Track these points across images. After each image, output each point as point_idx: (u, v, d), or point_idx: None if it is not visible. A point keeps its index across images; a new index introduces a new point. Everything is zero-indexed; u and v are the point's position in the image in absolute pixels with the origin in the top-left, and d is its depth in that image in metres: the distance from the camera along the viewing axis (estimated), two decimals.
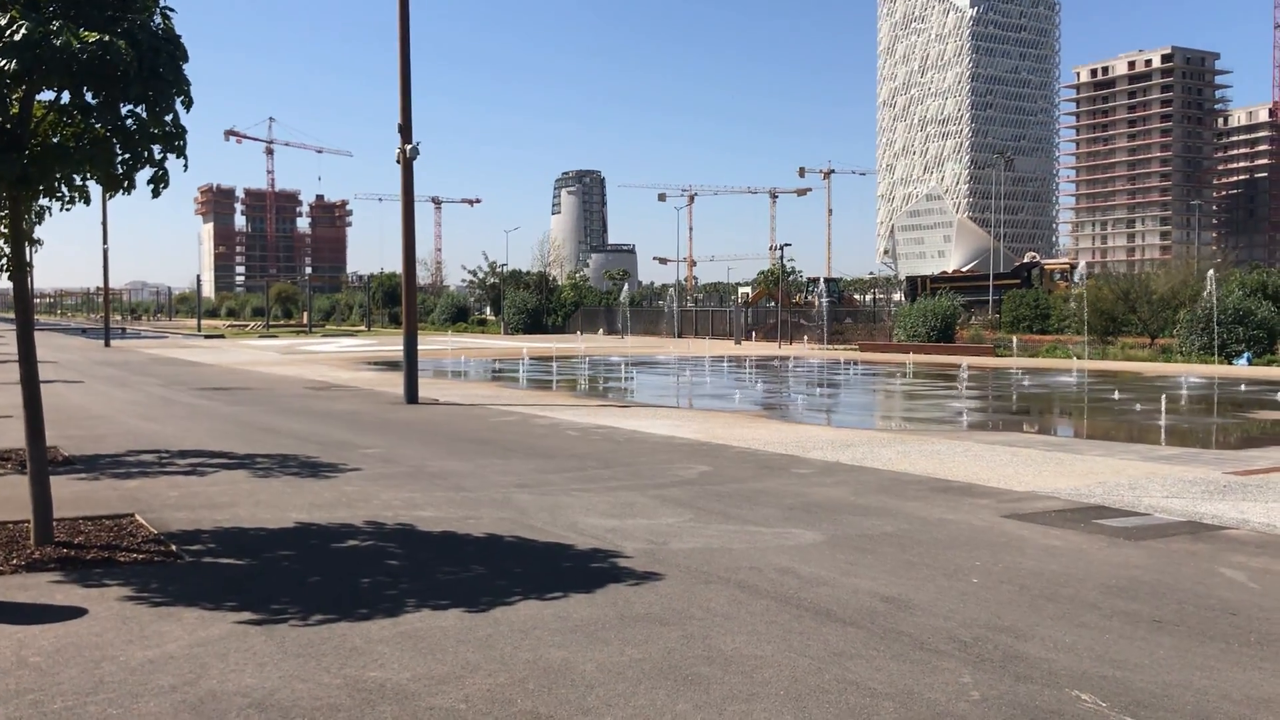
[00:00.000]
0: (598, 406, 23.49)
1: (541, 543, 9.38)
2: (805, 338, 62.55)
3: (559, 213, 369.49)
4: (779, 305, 69.84)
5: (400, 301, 26.17)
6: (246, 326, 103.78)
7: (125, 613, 7.11)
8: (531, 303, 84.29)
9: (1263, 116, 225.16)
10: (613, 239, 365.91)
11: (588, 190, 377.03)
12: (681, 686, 5.73)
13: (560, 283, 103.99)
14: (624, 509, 10.98)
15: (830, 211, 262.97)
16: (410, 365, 24.13)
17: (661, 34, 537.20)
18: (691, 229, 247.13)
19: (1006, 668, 6.06)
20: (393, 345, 50.15)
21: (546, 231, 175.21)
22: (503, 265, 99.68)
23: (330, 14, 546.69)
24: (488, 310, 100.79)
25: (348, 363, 41.37)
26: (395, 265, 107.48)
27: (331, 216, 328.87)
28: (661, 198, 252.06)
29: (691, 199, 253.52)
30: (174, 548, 9.03)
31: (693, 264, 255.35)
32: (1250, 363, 39.03)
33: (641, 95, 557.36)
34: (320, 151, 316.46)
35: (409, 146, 23.80)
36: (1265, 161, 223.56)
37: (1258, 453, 15.87)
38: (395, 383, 27.39)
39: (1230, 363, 39.64)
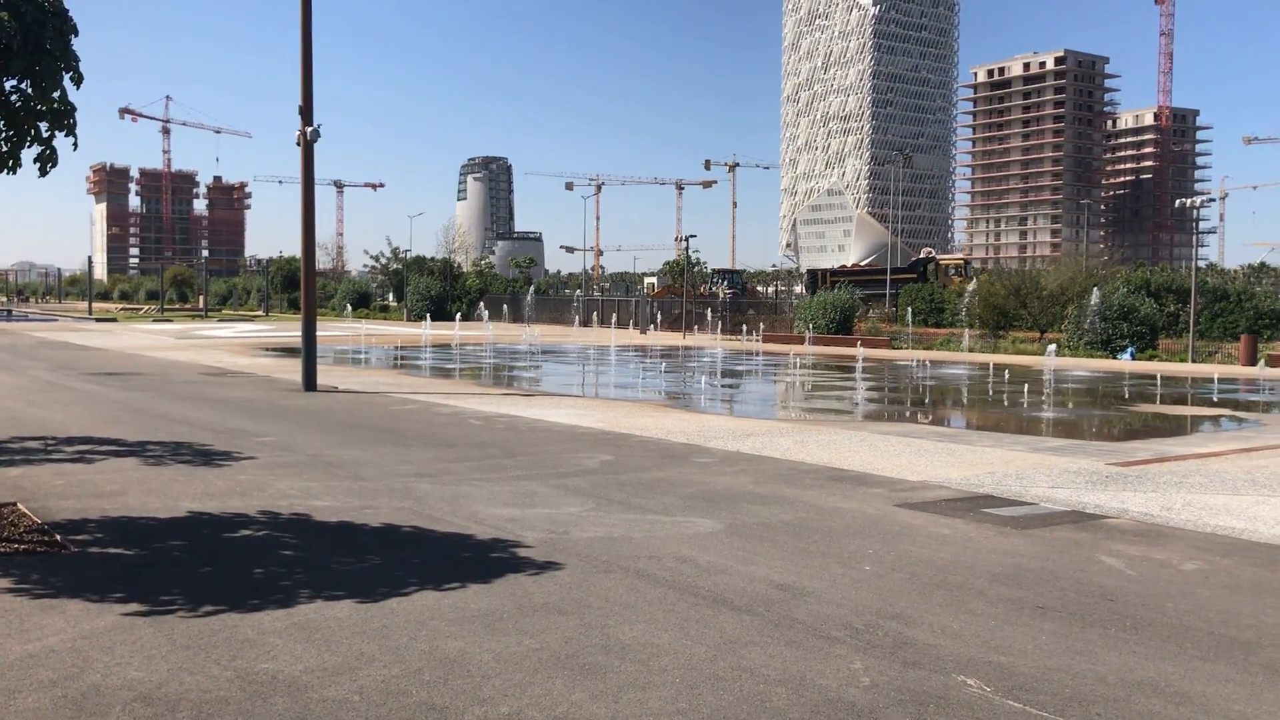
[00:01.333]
0: (501, 395, 23.38)
1: (440, 533, 9.32)
2: (709, 328, 63.05)
3: (465, 199, 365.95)
4: (683, 296, 70.25)
5: (300, 286, 25.64)
6: (140, 310, 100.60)
7: (3, 605, 6.87)
8: (436, 289, 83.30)
9: (1148, 120, 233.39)
10: (519, 227, 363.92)
11: (494, 177, 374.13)
12: (579, 675, 5.76)
13: (465, 270, 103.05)
14: (526, 498, 10.96)
15: (735, 204, 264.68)
16: (309, 351, 23.69)
17: (570, 22, 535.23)
18: (599, 218, 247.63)
19: (896, 654, 6.22)
20: (291, 331, 49.18)
21: (452, 218, 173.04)
22: (406, 251, 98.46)
23: None
24: (391, 297, 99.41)
25: (245, 348, 40.43)
26: (295, 249, 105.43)
27: (230, 199, 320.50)
28: (569, 186, 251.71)
29: (599, 188, 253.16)
30: (58, 537, 8.75)
31: (599, 253, 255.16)
32: (1134, 357, 40.52)
33: (550, 83, 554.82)
34: (219, 132, 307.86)
35: (310, 129, 23.33)
36: (1150, 164, 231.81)
37: (1138, 444, 16.50)
38: (293, 369, 26.87)
39: (1115, 357, 41.10)
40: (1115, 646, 6.46)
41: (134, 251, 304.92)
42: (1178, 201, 57.25)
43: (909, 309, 60.40)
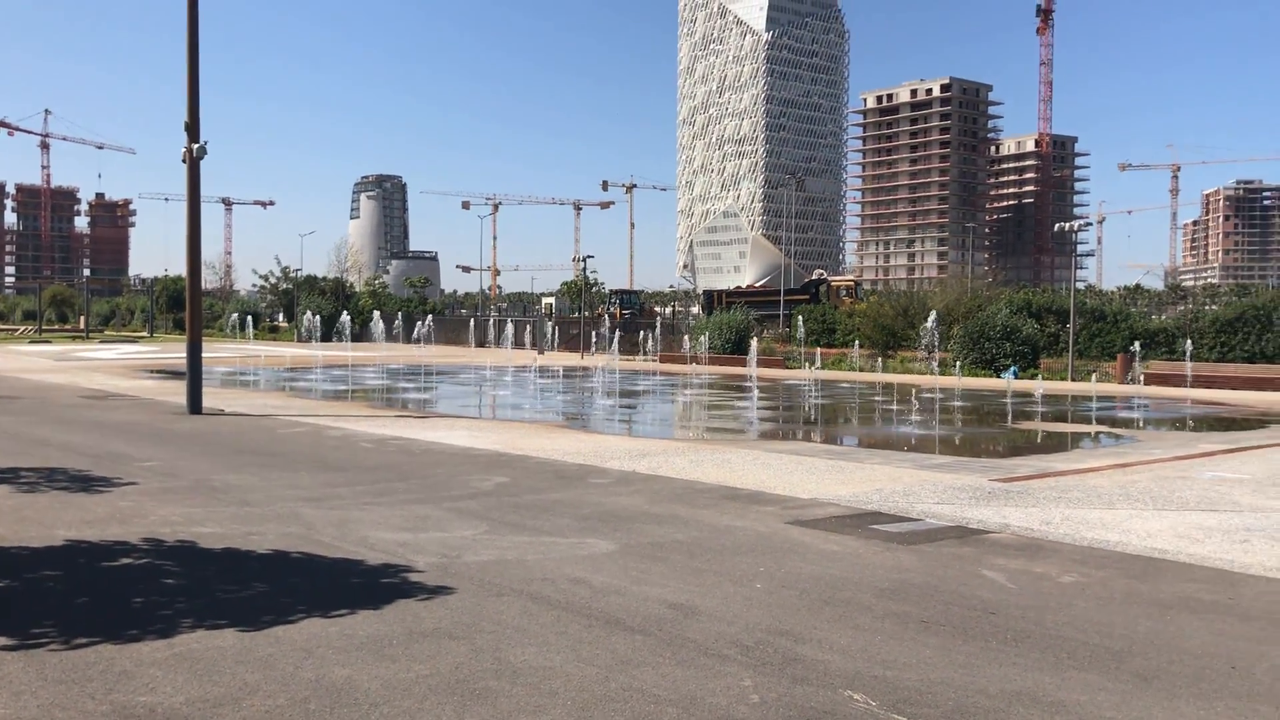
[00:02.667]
0: (394, 417, 23.06)
1: (329, 558, 9.15)
2: (606, 349, 63.16)
3: (358, 218, 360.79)
4: (581, 316, 70.29)
5: (185, 306, 24.96)
6: (16, 331, 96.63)
7: None
8: (327, 309, 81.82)
9: (1030, 146, 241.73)
10: (414, 246, 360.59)
11: (388, 195, 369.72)
12: (469, 701, 5.71)
13: (358, 289, 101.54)
14: (417, 522, 10.83)
15: (632, 225, 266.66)
16: (194, 373, 23.05)
17: (468, 41, 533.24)
18: (495, 238, 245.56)
19: (785, 670, 6.30)
20: (177, 352, 47.77)
21: (344, 236, 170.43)
22: (297, 270, 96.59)
23: (113, 3, 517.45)
24: (281, 317, 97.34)
25: (127, 370, 39.14)
26: (181, 268, 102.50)
27: (113, 216, 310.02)
28: (465, 205, 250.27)
29: (496, 208, 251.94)
30: None
31: (497, 273, 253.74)
32: (1016, 376, 41.79)
33: (446, 101, 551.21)
34: (101, 147, 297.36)
35: (196, 145, 22.80)
36: (1032, 189, 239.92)
37: (1020, 461, 17.03)
38: (178, 392, 26.11)
39: (998, 376, 42.36)
40: (996, 658, 6.64)
41: (9, 270, 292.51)
42: (1057, 225, 59.41)
43: (802, 329, 61.44)
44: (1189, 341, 38.48)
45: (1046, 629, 7.32)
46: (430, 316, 78.18)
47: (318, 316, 77.47)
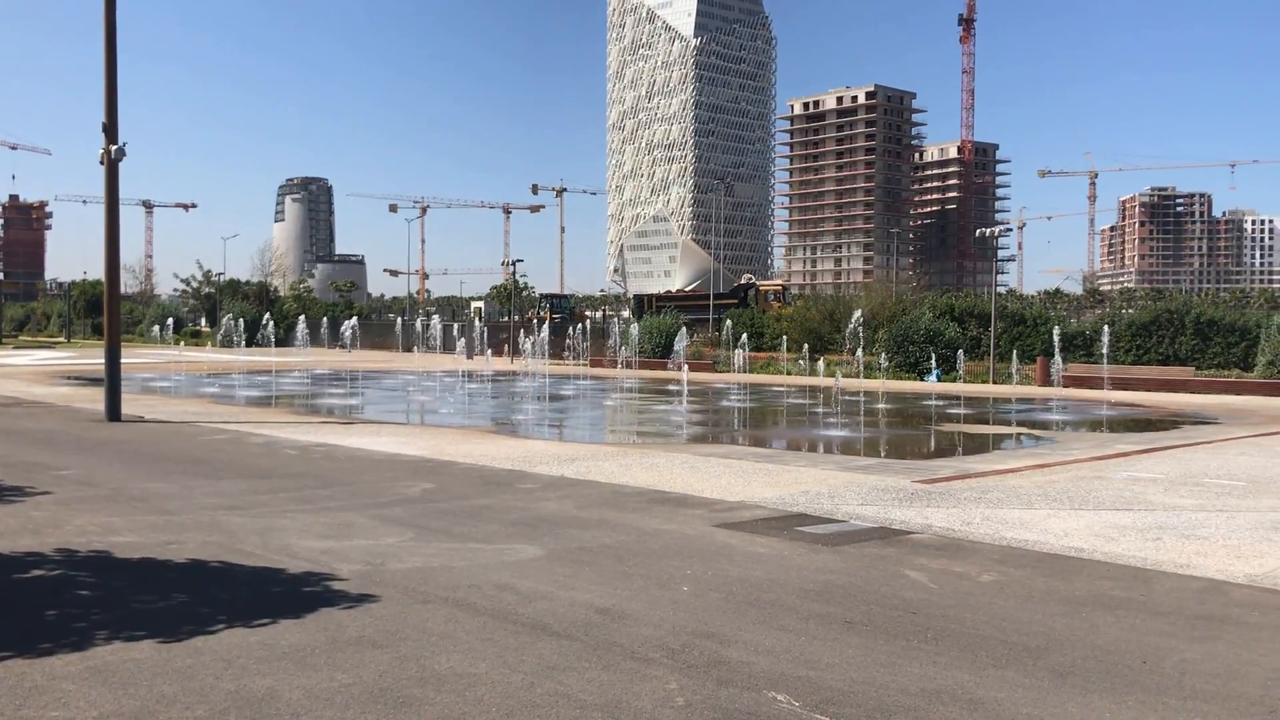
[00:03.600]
0: (319, 423, 22.75)
1: (251, 567, 9.00)
2: (536, 353, 62.94)
3: (283, 221, 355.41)
4: (510, 320, 69.98)
5: (104, 311, 24.40)
6: None
7: None
8: (251, 314, 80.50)
9: (952, 153, 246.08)
10: (340, 249, 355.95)
11: (314, 198, 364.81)
12: (393, 710, 5.66)
13: (283, 293, 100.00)
14: (342, 530, 10.70)
15: (563, 229, 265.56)
16: (112, 380, 22.53)
17: (395, 41, 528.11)
18: (424, 241, 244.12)
19: (710, 673, 6.35)
20: (95, 358, 46.63)
21: (268, 240, 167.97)
22: (219, 274, 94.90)
23: (27, 2, 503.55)
24: (203, 322, 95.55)
25: (43, 377, 38.10)
26: (100, 272, 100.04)
27: (28, 218, 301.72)
28: (393, 209, 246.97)
29: (424, 211, 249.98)
30: None
31: (425, 277, 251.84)
32: (939, 379, 42.54)
33: (373, 103, 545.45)
34: (15, 148, 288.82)
35: (114, 147, 22.31)
36: (954, 195, 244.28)
37: (942, 462, 17.32)
38: (96, 399, 25.49)
39: (922, 379, 43.07)
40: (917, 657, 6.75)
41: None
42: (979, 231, 60.56)
43: (731, 333, 61.83)
44: (1106, 345, 39.46)
45: (966, 627, 7.46)
46: (357, 321, 77.29)
47: (241, 321, 76.16)
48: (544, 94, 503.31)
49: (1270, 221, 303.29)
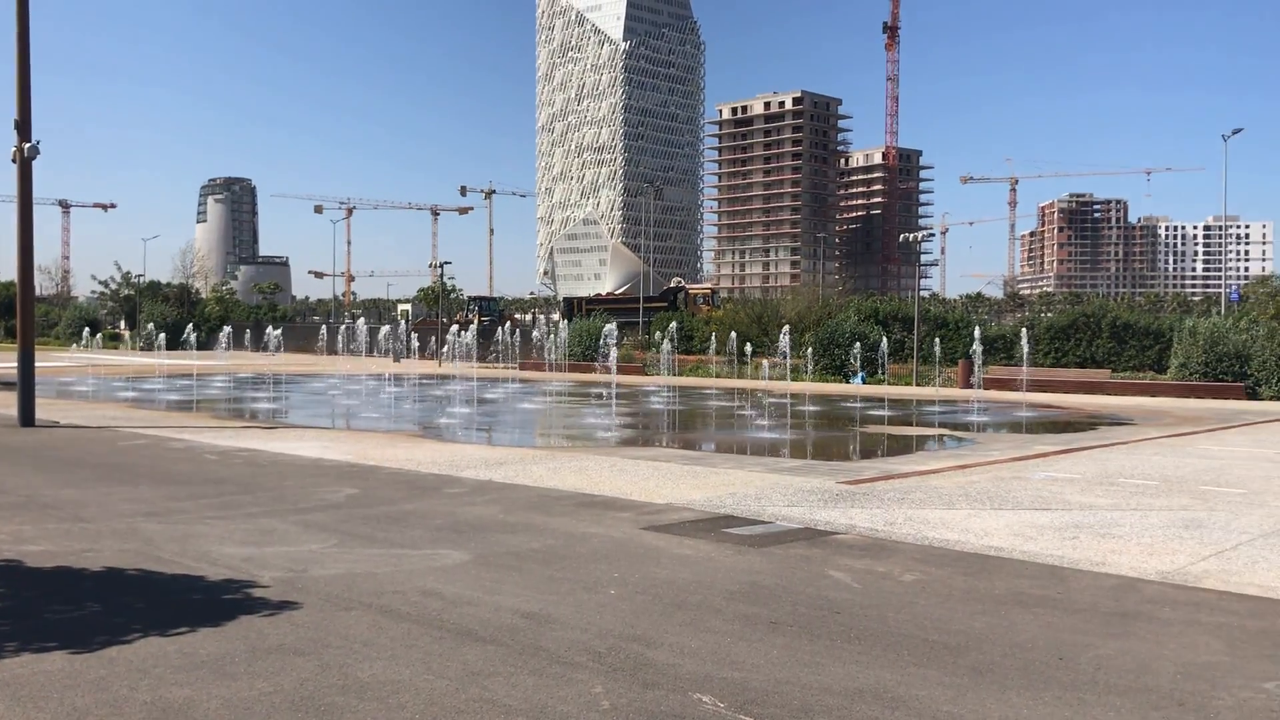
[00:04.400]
0: (241, 428, 22.36)
1: (169, 575, 8.81)
2: (465, 356, 62.54)
3: (205, 222, 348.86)
4: (438, 323, 69.42)
5: (16, 313, 23.71)
6: None
7: None
8: (172, 316, 78.91)
9: (877, 159, 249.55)
10: (264, 251, 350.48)
11: (237, 199, 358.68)
12: (314, 718, 5.57)
13: (205, 296, 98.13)
14: (264, 536, 10.52)
15: (492, 231, 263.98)
16: (25, 383, 21.90)
17: (321, 39, 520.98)
18: (350, 243, 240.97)
19: (636, 675, 6.35)
20: (7, 361, 45.29)
21: (190, 241, 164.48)
22: (139, 276, 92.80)
23: None
24: (123, 325, 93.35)
25: None
26: (12, 273, 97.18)
27: None
28: (318, 210, 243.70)
29: (350, 212, 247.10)
30: None
31: (351, 279, 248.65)
32: (864, 381, 43.10)
33: (299, 102, 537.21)
34: None
35: (28, 145, 21.71)
36: (879, 200, 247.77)
37: (867, 463, 17.55)
38: (8, 403, 24.77)
39: (848, 381, 43.60)
40: (840, 657, 6.83)
41: None
42: (903, 236, 61.51)
43: (660, 336, 62.00)
44: (1026, 348, 40.29)
45: (889, 627, 7.56)
46: (281, 323, 76.07)
47: (162, 324, 74.55)
48: (473, 95, 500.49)
49: (1182, 228, 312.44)
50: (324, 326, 76.63)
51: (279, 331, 71.26)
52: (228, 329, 64.68)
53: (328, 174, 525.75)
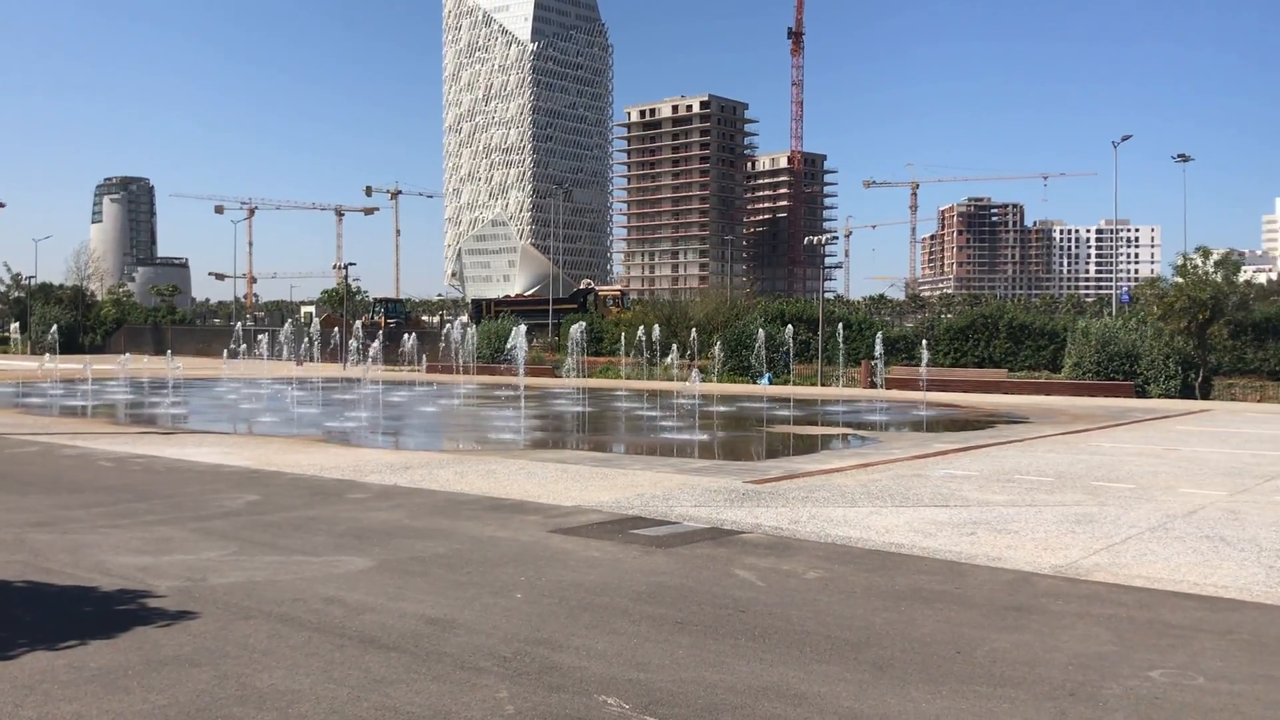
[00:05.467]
0: (138, 434, 21.73)
1: (59, 586, 8.53)
2: (371, 359, 61.62)
3: (100, 222, 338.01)
4: (343, 326, 68.32)
5: None
6: None
7: None
8: (65, 319, 76.28)
9: (783, 163, 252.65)
10: (163, 252, 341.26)
11: (134, 199, 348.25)
12: None
13: (101, 298, 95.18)
14: (160, 545, 10.24)
15: (398, 232, 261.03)
16: None
17: (221, 31, 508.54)
18: (252, 244, 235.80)
19: (541, 679, 6.33)
20: None
21: (85, 241, 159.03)
22: (30, 277, 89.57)
23: None
24: (13, 327, 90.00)
25: None
26: None
27: None
28: (219, 210, 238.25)
29: (252, 212, 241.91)
30: None
31: (253, 281, 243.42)
32: (771, 382, 43.60)
33: (197, 101, 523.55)
34: None
35: None
36: (785, 203, 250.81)
37: (773, 463, 17.76)
38: None
39: (755, 382, 44.05)
40: (745, 655, 6.90)
41: None
42: (808, 239, 62.37)
43: (570, 338, 61.89)
44: (926, 348, 41.16)
45: (792, 624, 7.66)
46: (181, 326, 74.12)
47: (55, 327, 72.01)
48: (378, 94, 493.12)
49: (1076, 231, 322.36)
50: (226, 329, 74.84)
51: (176, 333, 69.46)
52: (125, 332, 62.77)
53: (229, 174, 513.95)
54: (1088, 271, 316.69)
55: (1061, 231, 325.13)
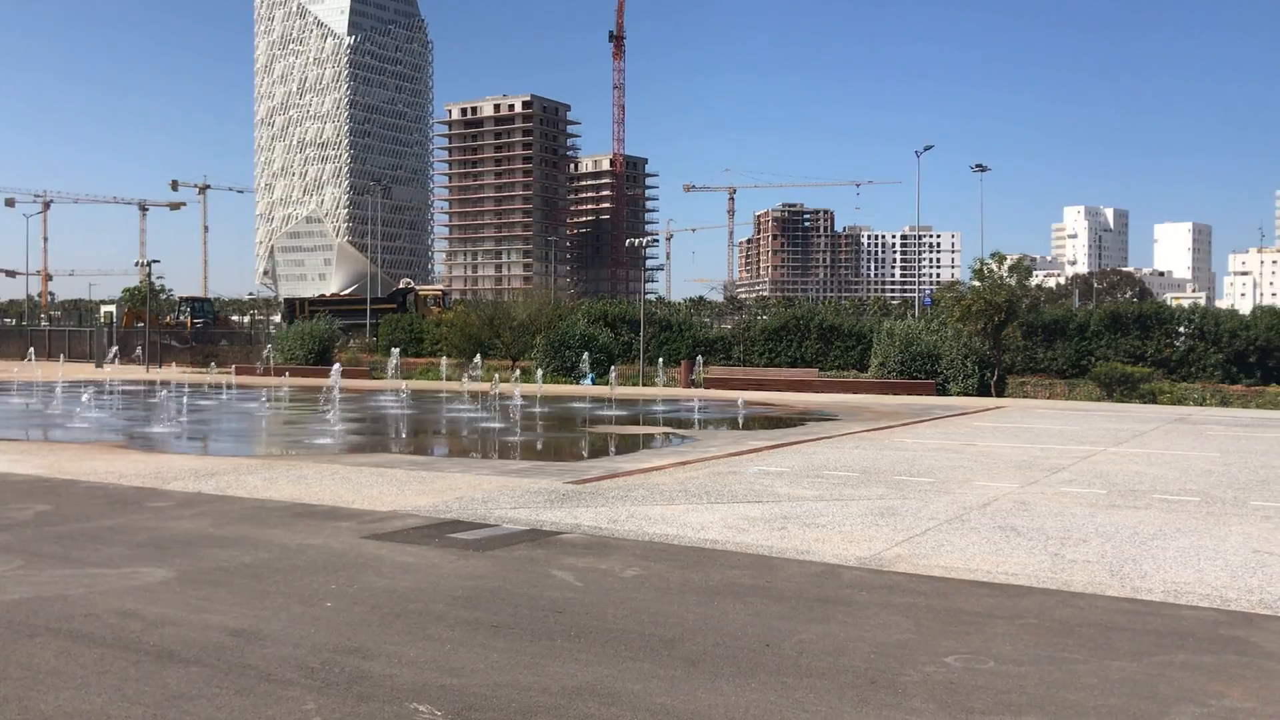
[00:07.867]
0: None
1: None
2: (175, 361, 58.93)
3: None
4: (146, 326, 65.06)
5: None
6: None
7: None
8: None
9: (606, 166, 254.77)
10: None
11: None
12: None
13: None
14: None
15: (206, 229, 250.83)
16: None
17: (12, 17, 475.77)
18: (47, 239, 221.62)
19: (351, 689, 6.18)
20: None
21: None
22: None
23: None
24: None
25: None
26: None
27: None
28: (10, 203, 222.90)
29: (47, 206, 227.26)
30: None
31: (48, 278, 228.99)
32: (593, 382, 43.86)
33: None
34: None
35: None
36: (608, 205, 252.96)
37: (593, 463, 17.85)
38: None
39: (577, 383, 44.22)
40: (560, 656, 6.91)
41: None
42: (629, 241, 63.04)
43: (388, 339, 60.68)
44: (742, 349, 42.20)
45: (608, 623, 7.71)
46: None
47: None
48: (185, 83, 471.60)
49: (882, 236, 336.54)
50: (17, 330, 70.18)
51: None
52: None
53: (21, 164, 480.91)
54: (894, 275, 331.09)
55: (869, 237, 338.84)
